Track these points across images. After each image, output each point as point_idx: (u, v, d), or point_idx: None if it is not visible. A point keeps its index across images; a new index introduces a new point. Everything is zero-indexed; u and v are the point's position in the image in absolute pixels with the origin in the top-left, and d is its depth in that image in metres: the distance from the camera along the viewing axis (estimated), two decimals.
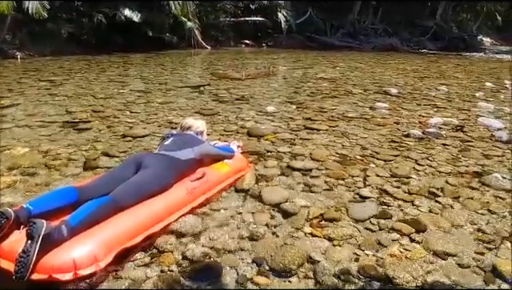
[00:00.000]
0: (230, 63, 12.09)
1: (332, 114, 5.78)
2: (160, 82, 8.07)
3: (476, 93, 7.99)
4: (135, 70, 9.80)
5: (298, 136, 4.60)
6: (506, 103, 7.10)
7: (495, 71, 12.45)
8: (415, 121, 5.55)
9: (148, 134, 4.48)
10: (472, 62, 15.62)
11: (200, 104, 6.18)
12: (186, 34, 15.96)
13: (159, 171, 2.60)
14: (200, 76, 9.55)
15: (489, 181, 3.46)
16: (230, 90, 7.35)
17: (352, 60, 14.21)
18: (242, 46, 18.61)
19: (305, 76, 9.66)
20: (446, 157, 4.08)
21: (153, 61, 11.93)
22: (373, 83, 8.85)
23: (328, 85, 8.40)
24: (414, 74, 10.77)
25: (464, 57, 18.16)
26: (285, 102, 6.60)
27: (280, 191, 3.10)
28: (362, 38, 21.31)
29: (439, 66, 13.64)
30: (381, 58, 15.84)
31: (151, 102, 6.22)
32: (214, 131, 4.61)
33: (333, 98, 6.97)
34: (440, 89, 8.32)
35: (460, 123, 5.48)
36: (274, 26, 19.08)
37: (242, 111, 5.74)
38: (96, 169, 3.43)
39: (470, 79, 10.25)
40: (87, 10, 13.31)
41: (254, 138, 4.45)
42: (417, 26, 23.81)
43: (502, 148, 4.47)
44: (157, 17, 14.55)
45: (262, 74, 9.87)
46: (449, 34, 23.97)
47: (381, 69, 11.92)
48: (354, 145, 4.36)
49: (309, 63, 12.75)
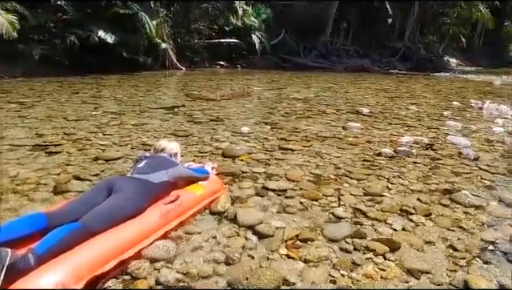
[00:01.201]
0: (204, 84, 12.12)
1: (306, 134, 5.85)
2: (134, 104, 8.00)
3: (444, 112, 8.24)
4: (109, 92, 9.69)
5: (272, 156, 4.62)
6: (472, 122, 7.35)
7: (461, 91, 12.92)
8: (387, 140, 5.67)
9: (121, 156, 4.41)
10: (439, 82, 16.17)
11: (174, 125, 6.15)
12: (161, 56, 15.96)
13: (131, 194, 2.56)
14: (174, 97, 9.52)
15: (458, 198, 3.54)
16: (205, 111, 7.35)
17: (325, 80, 14.50)
18: (217, 67, 18.73)
19: (279, 96, 9.78)
20: (417, 175, 4.17)
21: (127, 82, 11.84)
22: (345, 103, 9.03)
23: (302, 105, 8.52)
24: (384, 94, 11.06)
25: (432, 77, 18.79)
26: (259, 122, 6.64)
27: (255, 213, 3.09)
28: (335, 59, 21.81)
29: (408, 85, 14.06)
30: (353, 78, 16.21)
31: (125, 123, 6.14)
32: (188, 153, 4.58)
33: (307, 119, 7.06)
34: (410, 108, 8.56)
35: (430, 142, 5.63)
36: (248, 47, 19.31)
37: (217, 132, 5.74)
38: (67, 193, 3.34)
39: (438, 98, 10.59)
40: (60, 31, 13.16)
41: (228, 159, 4.45)
42: (386, 48, 24.58)
43: (469, 165, 4.61)
44: (131, 38, 14.51)
45: (237, 94, 9.93)
46: (417, 55, 24.83)
47: (353, 89, 12.19)
48: (328, 165, 4.41)
49: (283, 84, 12.92)
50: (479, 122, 7.31)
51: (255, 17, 19.26)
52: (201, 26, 18.51)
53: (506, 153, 5.23)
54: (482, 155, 5.02)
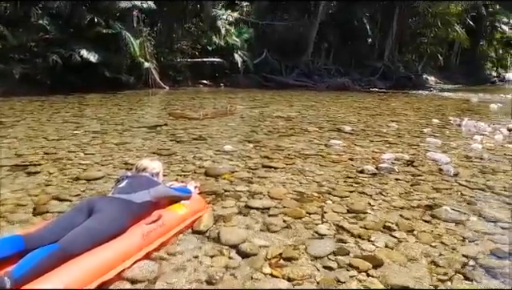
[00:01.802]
0: (187, 103, 12.13)
1: (289, 152, 5.88)
2: (116, 123, 7.94)
3: (424, 129, 8.40)
4: (91, 111, 9.61)
5: (255, 175, 4.62)
6: (451, 138, 7.50)
7: (440, 108, 13.21)
8: (368, 157, 5.73)
9: (102, 176, 4.35)
10: (419, 100, 16.51)
11: (157, 144, 6.11)
12: (144, 75, 15.94)
13: (112, 215, 2.52)
14: (157, 116, 9.50)
15: (439, 214, 3.59)
16: (188, 130, 7.34)
17: (307, 99, 14.66)
18: (200, 86, 18.78)
19: (262, 115, 9.84)
20: (398, 191, 4.22)
21: (109, 101, 11.77)
22: (327, 121, 9.13)
23: (284, 123, 8.58)
24: (366, 112, 11.23)
25: (411, 95, 19.18)
26: (242, 140, 6.66)
27: (238, 232, 3.07)
28: (316, 78, 22.12)
29: (389, 103, 14.32)
30: (334, 96, 16.44)
31: (107, 143, 6.09)
32: (171, 172, 4.55)
33: (289, 137, 7.11)
34: (391, 126, 8.70)
35: (411, 158, 5.71)
36: (231, 66, 19.45)
37: (200, 151, 5.72)
38: (46, 214, 3.27)
39: (418, 116, 10.80)
40: (41, 50, 13.07)
41: (211, 178, 4.43)
42: (367, 67, 25.06)
43: (449, 181, 4.68)
44: (114, 57, 14.49)
45: (220, 113, 9.96)
46: (396, 74, 25.36)
47: (335, 107, 12.35)
48: (311, 182, 4.43)
49: (266, 102, 13.02)
50: (458, 139, 7.46)
51: (237, 36, 19.46)
52: (184, 46, 18.61)
53: (484, 169, 5.33)
54: (461, 171, 5.11)
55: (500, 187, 4.52)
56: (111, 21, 14.41)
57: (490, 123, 9.21)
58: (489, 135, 7.88)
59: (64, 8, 14.00)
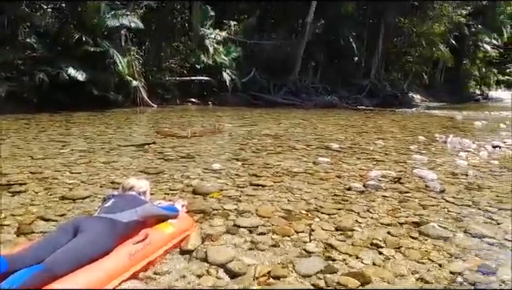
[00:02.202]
0: (175, 121, 12.13)
1: (277, 169, 5.89)
2: (104, 141, 7.89)
3: (410, 146, 8.49)
4: (78, 129, 9.55)
5: (243, 193, 4.62)
6: (437, 155, 7.59)
7: (426, 125, 13.39)
8: (356, 174, 5.77)
9: (89, 195, 4.31)
10: (405, 118, 16.74)
11: (144, 163, 6.08)
12: (132, 93, 15.94)
13: (98, 234, 2.49)
14: (145, 134, 9.47)
15: (427, 230, 3.61)
16: (176, 148, 7.32)
17: (295, 117, 14.77)
18: (188, 104, 18.80)
19: (250, 133, 9.87)
20: (386, 208, 4.24)
21: (97, 120, 11.71)
22: (315, 139, 9.19)
23: (273, 141, 8.62)
24: (353, 130, 11.34)
25: (398, 112, 19.43)
26: (231, 159, 6.66)
27: (226, 251, 3.05)
28: (304, 96, 22.33)
29: (376, 121, 14.49)
30: (322, 114, 16.58)
31: (93, 161, 6.03)
32: (158, 191, 4.52)
33: (277, 154, 7.13)
34: (377, 143, 8.79)
35: (397, 175, 5.75)
36: (219, 84, 19.56)
37: (188, 169, 5.70)
38: (31, 235, 3.22)
39: (405, 133, 10.93)
40: (28, 68, 13.02)
41: (199, 197, 4.41)
42: (354, 85, 25.41)
43: (436, 198, 4.72)
44: (102, 76, 14.48)
45: (208, 131, 9.97)
46: (383, 92, 25.75)
47: (322, 125, 12.45)
48: (299, 200, 4.44)
49: (254, 120, 13.08)
50: (444, 156, 7.55)
51: (226, 55, 19.62)
52: (172, 64, 18.69)
53: (470, 185, 5.39)
54: (447, 188, 5.16)
55: (485, 203, 4.58)
56: (99, 39, 14.45)
57: (474, 140, 9.35)
58: (474, 152, 7.99)
59: (52, 26, 14.03)
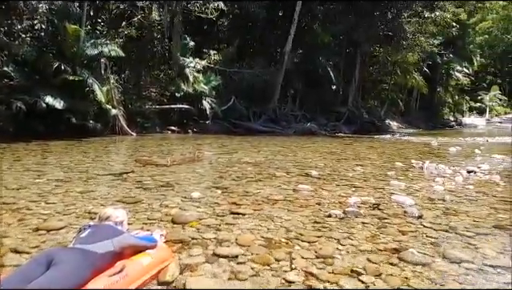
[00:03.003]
0: (155, 150, 12.04)
1: (257, 197, 5.87)
2: (81, 171, 7.75)
3: (388, 172, 8.61)
4: (54, 159, 9.36)
5: (223, 221, 4.57)
6: (414, 181, 7.71)
7: (403, 152, 13.64)
8: (336, 201, 5.80)
9: (64, 226, 4.20)
10: (382, 144, 17.03)
11: (122, 192, 5.98)
12: (111, 121, 15.82)
13: (72, 267, 2.42)
14: (124, 163, 9.35)
15: (406, 256, 3.63)
16: (155, 177, 7.24)
17: (275, 144, 14.85)
18: (168, 132, 18.74)
19: (230, 161, 9.86)
20: (365, 235, 4.26)
21: (74, 148, 11.53)
22: (295, 166, 9.24)
23: (252, 169, 8.62)
24: (332, 157, 11.46)
25: (375, 139, 19.77)
26: (210, 187, 6.62)
27: (205, 281, 3.00)
28: (284, 124, 22.56)
29: (354, 148, 14.69)
30: (301, 141, 16.73)
31: (70, 191, 5.91)
32: (136, 220, 4.44)
33: (257, 182, 7.13)
34: (356, 169, 8.89)
35: (376, 201, 5.81)
36: (199, 112, 19.61)
37: (167, 198, 5.64)
38: (2, 268, 3.10)
39: (382, 160, 11.10)
40: (5, 97, 12.83)
41: (178, 226, 4.35)
42: (332, 112, 25.85)
43: (414, 223, 4.77)
44: (80, 104, 14.37)
45: (188, 159, 9.92)
46: (360, 119, 26.26)
47: (302, 152, 12.54)
48: (279, 228, 4.42)
49: (234, 148, 13.09)
50: (421, 181, 7.67)
51: (205, 84, 19.77)
52: (152, 92, 18.71)
53: (447, 210, 5.48)
54: (425, 213, 5.23)
55: (462, 227, 4.64)
56: (78, 68, 14.41)
57: (450, 166, 9.55)
58: (450, 177, 8.14)
59: (30, 55, 13.94)
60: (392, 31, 25.57)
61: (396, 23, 25.59)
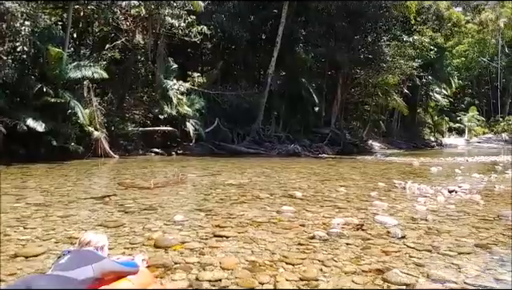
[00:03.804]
0: (138, 172, 11.91)
1: (241, 219, 5.84)
2: (61, 194, 7.63)
3: (371, 192, 8.66)
4: (35, 182, 9.20)
5: (206, 245, 4.53)
6: (397, 201, 7.78)
7: (385, 172, 13.79)
8: (319, 222, 5.80)
9: (43, 252, 4.10)
10: (365, 165, 17.19)
11: (104, 216, 5.89)
12: (93, 144, 15.65)
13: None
14: (106, 186, 9.23)
15: (390, 277, 3.64)
16: (138, 200, 7.15)
17: (259, 166, 14.86)
18: (152, 154, 18.60)
19: (214, 183, 9.81)
20: (349, 256, 4.26)
21: (55, 171, 11.34)
22: (279, 187, 9.24)
23: (236, 191, 8.59)
24: (316, 178, 11.51)
25: (358, 160, 19.93)
26: (194, 209, 6.56)
27: None
28: (268, 145, 22.61)
29: (337, 169, 14.80)
30: (285, 163, 16.79)
31: (50, 215, 5.80)
32: (117, 245, 4.36)
33: (241, 204, 7.10)
34: (340, 190, 8.93)
35: (360, 222, 5.83)
36: (183, 134, 19.58)
37: (149, 221, 5.56)
38: None
39: (365, 180, 11.18)
40: None
41: (160, 250, 4.28)
42: (315, 133, 26.06)
43: (398, 244, 4.80)
44: (62, 126, 14.22)
45: (171, 182, 9.84)
46: (343, 140, 26.49)
47: (286, 173, 12.57)
48: (263, 250, 4.39)
49: (218, 170, 13.05)
50: (403, 202, 7.75)
51: (189, 106, 19.79)
52: (135, 114, 18.64)
53: (430, 230, 5.53)
54: (408, 233, 5.26)
55: (445, 247, 4.69)
56: (60, 90, 14.30)
57: (431, 185, 9.67)
58: (431, 197, 8.24)
59: (11, 77, 13.80)
60: (372, 54, 26.15)
61: (376, 46, 26.23)
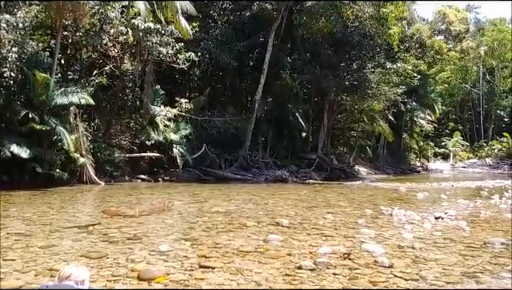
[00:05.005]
0: (123, 199, 11.74)
1: (227, 249, 5.76)
2: (44, 223, 7.46)
3: (358, 219, 8.66)
4: (16, 210, 8.98)
5: (192, 276, 4.45)
6: (384, 228, 7.78)
7: (372, 198, 13.83)
8: (306, 251, 5.75)
9: (21, 285, 3.98)
10: (352, 191, 17.23)
11: (87, 246, 5.76)
12: (78, 170, 15.43)
13: None
14: (90, 214, 9.07)
15: None
16: (122, 229, 7.03)
17: (246, 192, 14.79)
18: (138, 180, 18.37)
19: (200, 210, 9.71)
20: (337, 287, 4.22)
21: (39, 199, 11.12)
22: (266, 215, 9.18)
23: (223, 218, 8.51)
24: (303, 204, 11.48)
25: (345, 186, 19.97)
26: (179, 239, 6.47)
27: None
28: (255, 171, 22.56)
29: (325, 195, 14.80)
30: (272, 189, 16.75)
31: (31, 246, 5.66)
32: (100, 277, 4.26)
33: (228, 233, 7.02)
34: (327, 217, 8.90)
35: (347, 251, 5.80)
36: (169, 161, 19.44)
37: (134, 252, 5.46)
38: None
39: (352, 207, 11.19)
40: None
41: (144, 282, 4.20)
42: (302, 159, 26.13)
43: (385, 273, 4.78)
44: (47, 153, 14.02)
45: (157, 210, 9.71)
46: (330, 166, 26.58)
47: (273, 200, 12.52)
48: (250, 281, 4.33)
49: (204, 197, 12.94)
50: (390, 229, 7.76)
51: (176, 132, 19.75)
52: (122, 141, 18.50)
53: (417, 258, 5.53)
54: (395, 262, 5.25)
55: (432, 276, 4.68)
56: (46, 116, 14.16)
57: (418, 212, 9.72)
58: (418, 224, 8.27)
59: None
60: (357, 81, 26.57)
61: (361, 73, 26.67)
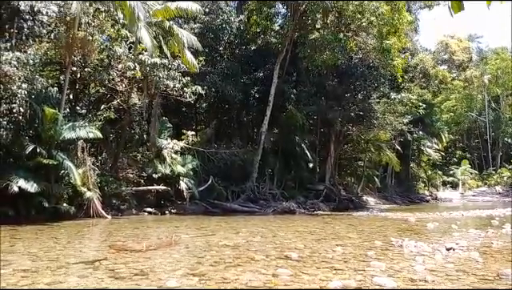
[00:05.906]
0: (130, 233, 11.68)
1: (235, 284, 5.68)
2: (50, 259, 7.42)
3: (368, 252, 8.52)
4: (23, 246, 8.96)
5: None
6: (394, 260, 7.64)
7: (382, 229, 13.63)
8: (316, 286, 5.65)
9: None
10: (361, 222, 17.01)
11: (93, 283, 5.70)
12: (85, 204, 15.44)
13: None
14: (96, 249, 9.01)
15: None
16: (129, 264, 6.96)
17: (254, 225, 14.65)
18: (145, 214, 18.31)
19: (208, 244, 9.61)
20: None
21: (45, 234, 11.08)
22: (275, 248, 9.06)
23: (231, 252, 8.41)
24: (312, 237, 11.33)
25: (353, 216, 19.74)
26: (187, 274, 6.38)
27: None
28: (262, 203, 22.43)
29: (333, 226, 14.61)
30: (281, 221, 16.59)
31: (36, 283, 5.61)
32: None
33: (236, 267, 6.92)
34: (336, 250, 8.76)
35: (357, 285, 5.69)
36: (176, 193, 19.44)
37: (141, 288, 5.38)
38: None
39: (362, 238, 11.02)
40: None
41: None
42: (310, 190, 25.99)
43: None
44: (54, 187, 14.09)
45: (164, 244, 9.63)
46: (338, 196, 26.39)
47: (281, 232, 12.38)
48: None
49: (212, 230, 12.83)
50: (401, 261, 7.61)
51: (183, 165, 19.84)
52: (129, 174, 18.58)
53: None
54: None
55: None
56: (54, 151, 14.32)
57: (428, 243, 9.56)
58: (429, 255, 8.12)
59: (5, 138, 13.86)
60: (363, 111, 26.74)
61: (366, 104, 26.88)
